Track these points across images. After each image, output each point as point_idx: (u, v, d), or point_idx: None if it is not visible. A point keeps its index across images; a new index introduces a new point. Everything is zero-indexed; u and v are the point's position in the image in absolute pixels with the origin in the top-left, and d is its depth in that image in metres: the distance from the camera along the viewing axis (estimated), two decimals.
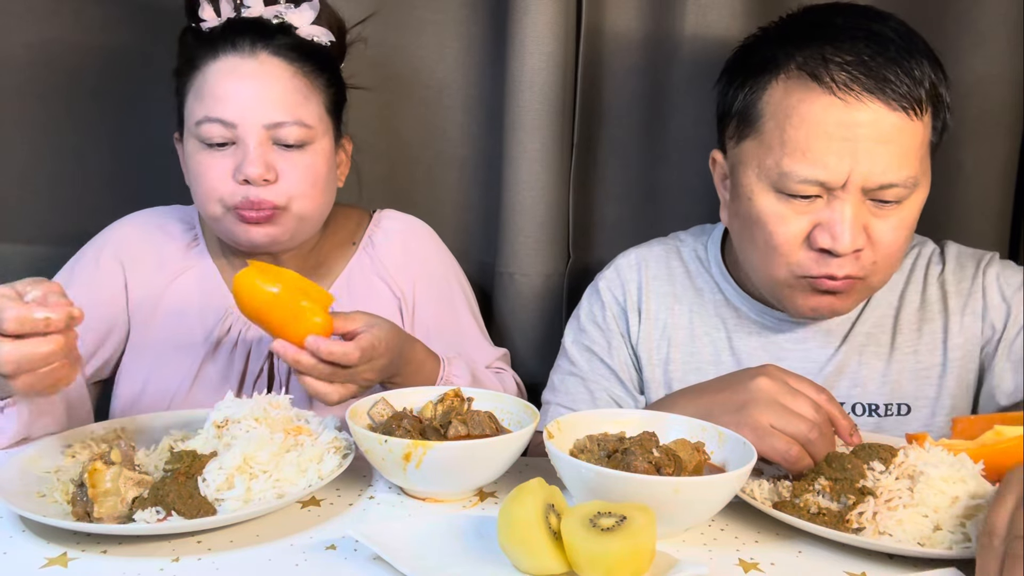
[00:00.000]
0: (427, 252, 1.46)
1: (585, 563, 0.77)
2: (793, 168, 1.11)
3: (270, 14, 1.29)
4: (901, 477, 0.93)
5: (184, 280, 1.37)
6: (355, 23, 1.41)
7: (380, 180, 1.63)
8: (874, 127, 1.09)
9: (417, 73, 1.60)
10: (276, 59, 1.25)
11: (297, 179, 1.25)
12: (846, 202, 1.11)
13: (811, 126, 1.10)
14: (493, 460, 0.97)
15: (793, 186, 1.12)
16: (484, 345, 1.46)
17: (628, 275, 1.37)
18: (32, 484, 0.95)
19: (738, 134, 1.20)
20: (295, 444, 0.98)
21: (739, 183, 1.19)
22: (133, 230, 1.39)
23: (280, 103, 1.24)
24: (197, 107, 1.25)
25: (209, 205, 1.26)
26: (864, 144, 1.09)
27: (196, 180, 1.27)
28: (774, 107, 1.14)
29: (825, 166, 1.10)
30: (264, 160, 1.22)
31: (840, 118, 1.09)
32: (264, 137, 1.23)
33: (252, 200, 1.22)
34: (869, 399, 1.27)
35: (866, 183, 1.10)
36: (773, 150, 1.13)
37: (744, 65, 1.22)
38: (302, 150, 1.26)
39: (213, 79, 1.24)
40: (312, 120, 1.26)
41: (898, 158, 1.10)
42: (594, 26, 1.56)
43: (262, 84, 1.24)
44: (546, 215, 1.56)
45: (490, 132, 1.60)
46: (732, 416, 1.00)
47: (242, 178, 1.22)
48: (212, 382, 1.33)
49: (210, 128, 1.23)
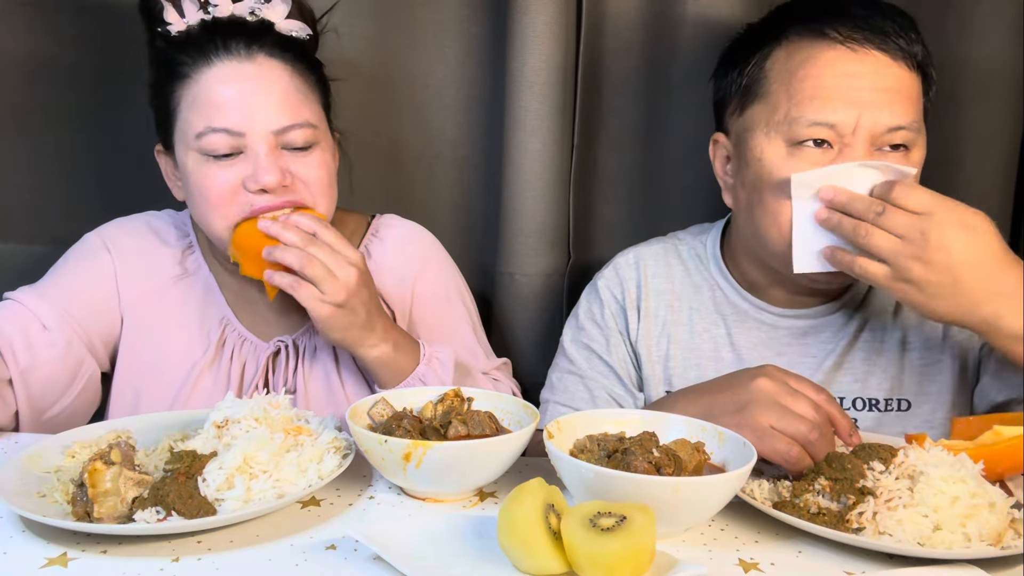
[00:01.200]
0: (425, 260, 1.43)
1: (585, 563, 0.77)
2: (803, 113, 1.14)
3: (241, 11, 1.23)
4: (901, 477, 0.93)
5: (179, 288, 1.34)
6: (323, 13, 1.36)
7: (380, 180, 1.63)
8: (877, 76, 1.13)
9: (417, 73, 1.60)
10: (273, 60, 1.21)
11: (315, 180, 1.23)
12: (856, 149, 1.13)
13: (817, 76, 1.14)
14: (493, 460, 0.97)
15: (804, 131, 1.14)
16: (482, 355, 1.42)
17: (627, 273, 1.37)
18: (32, 484, 0.95)
19: (742, 105, 1.22)
20: (295, 444, 0.98)
21: (747, 148, 1.20)
22: (124, 232, 1.36)
23: (285, 106, 1.20)
24: (196, 118, 1.19)
25: (217, 221, 1.21)
26: (869, 92, 1.13)
27: (199, 194, 1.21)
28: (778, 71, 1.18)
29: (834, 109, 1.13)
30: (278, 166, 1.18)
31: (845, 68, 1.13)
32: (273, 143, 1.19)
33: (257, 209, 1.19)
34: (870, 394, 1.27)
35: (874, 128, 1.13)
36: (780, 105, 1.16)
37: (738, 51, 1.25)
38: (311, 151, 1.23)
39: (211, 87, 1.19)
40: (315, 119, 1.24)
41: (902, 103, 1.14)
42: (594, 26, 1.56)
43: (264, 88, 1.20)
44: (546, 215, 1.56)
45: (490, 132, 1.60)
46: (732, 417, 1.01)
47: (257, 187, 1.18)
48: (208, 390, 1.30)
49: (214, 139, 1.18)
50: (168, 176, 1.31)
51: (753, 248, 1.27)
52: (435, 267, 1.44)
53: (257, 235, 1.18)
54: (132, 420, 1.13)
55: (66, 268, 1.33)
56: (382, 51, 1.58)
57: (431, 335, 1.36)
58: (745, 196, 1.23)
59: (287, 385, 1.31)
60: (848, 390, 1.27)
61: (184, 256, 1.36)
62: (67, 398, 1.26)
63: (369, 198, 1.57)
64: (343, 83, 1.44)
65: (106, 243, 1.34)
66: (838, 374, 1.28)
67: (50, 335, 1.24)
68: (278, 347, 1.32)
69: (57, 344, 1.24)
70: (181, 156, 1.23)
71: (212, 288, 1.35)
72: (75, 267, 1.33)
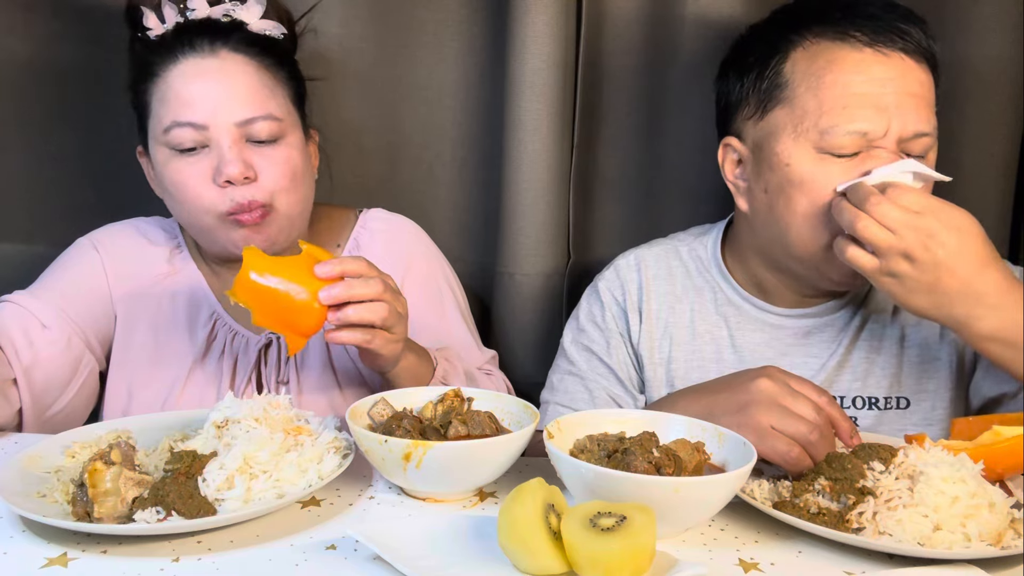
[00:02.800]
0: (413, 252, 1.44)
1: (585, 563, 0.77)
2: (836, 122, 1.13)
3: (218, 13, 1.26)
4: (901, 477, 0.93)
5: (168, 286, 1.36)
6: (302, 14, 1.38)
7: (380, 180, 1.63)
8: (903, 80, 1.14)
9: (417, 73, 1.60)
10: (237, 55, 1.23)
11: (277, 174, 1.23)
12: (884, 153, 1.13)
13: (846, 83, 1.14)
14: (493, 460, 0.97)
15: (837, 141, 1.14)
16: (472, 347, 1.44)
17: (628, 276, 1.37)
18: (32, 484, 0.95)
19: (762, 108, 1.21)
20: (295, 444, 0.98)
21: (771, 153, 1.19)
22: (112, 235, 1.38)
23: (248, 99, 1.22)
24: (163, 113, 1.22)
25: (197, 216, 1.23)
26: (896, 96, 1.13)
27: (176, 190, 1.23)
28: (802, 73, 1.17)
29: (866, 118, 1.13)
30: (241, 158, 1.20)
31: (872, 73, 1.13)
32: (237, 135, 1.21)
33: (241, 202, 1.20)
34: (869, 392, 1.27)
35: (903, 132, 1.13)
36: (809, 112, 1.16)
37: (750, 53, 1.24)
38: (275, 145, 1.24)
39: (177, 83, 1.21)
40: (281, 113, 1.25)
41: (926, 109, 1.15)
42: (594, 26, 1.56)
43: (227, 82, 1.22)
44: (546, 215, 1.56)
45: (490, 132, 1.60)
46: (733, 417, 1.01)
47: (223, 180, 1.19)
48: (202, 385, 1.32)
49: (180, 133, 1.20)
50: (149, 176, 1.33)
51: (769, 250, 1.26)
52: (424, 258, 1.45)
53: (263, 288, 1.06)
54: (132, 420, 1.13)
55: (58, 270, 1.35)
56: (382, 51, 1.58)
57: (422, 325, 1.37)
58: (767, 200, 1.22)
59: (280, 377, 1.32)
60: (848, 389, 1.27)
61: (172, 256, 1.38)
62: (68, 395, 1.27)
63: (369, 198, 1.57)
64: (343, 83, 1.45)
65: (95, 245, 1.36)
66: (840, 373, 1.28)
67: (50, 333, 1.25)
68: (269, 339, 1.34)
69: (57, 342, 1.25)
70: (153, 153, 1.26)
71: (201, 284, 1.36)
72: (67, 269, 1.35)
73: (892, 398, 1.27)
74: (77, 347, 1.28)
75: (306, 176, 1.30)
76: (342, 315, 1.08)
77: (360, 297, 1.08)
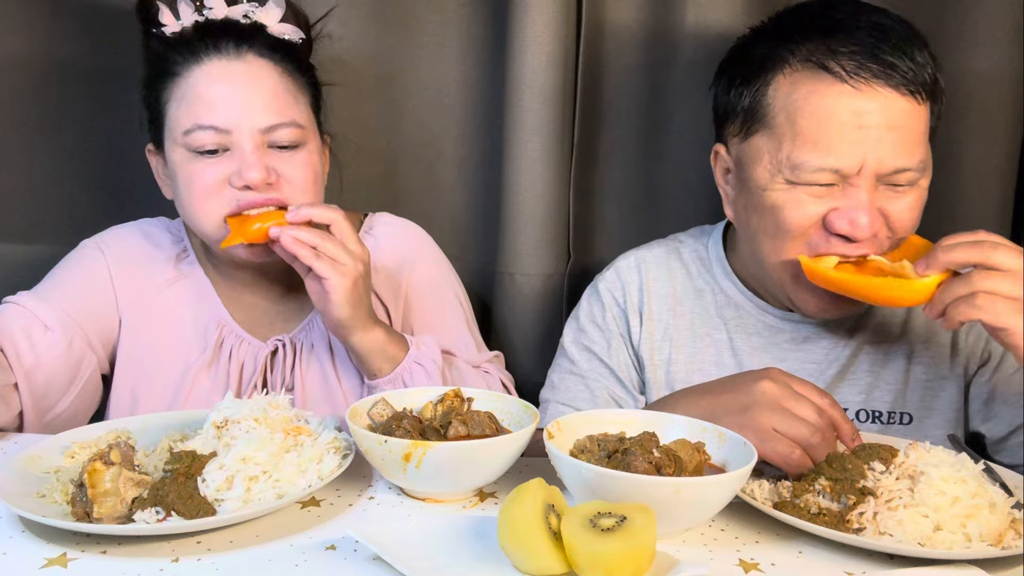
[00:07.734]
0: (418, 257, 1.43)
1: (585, 563, 0.77)
2: (806, 158, 1.12)
3: (236, 14, 1.25)
4: (901, 477, 0.93)
5: (175, 291, 1.35)
6: (318, 19, 1.37)
7: (380, 180, 1.63)
8: (884, 113, 1.10)
9: (417, 73, 1.60)
10: (263, 60, 1.23)
11: (300, 179, 1.23)
12: (861, 188, 1.11)
13: (823, 116, 1.11)
14: (493, 460, 0.97)
15: (808, 176, 1.12)
16: (473, 347, 1.43)
17: (628, 277, 1.37)
18: (32, 484, 0.95)
19: (745, 130, 1.20)
20: (295, 444, 0.98)
21: (750, 177, 1.19)
22: (118, 238, 1.38)
23: (272, 105, 1.21)
24: (184, 115, 1.21)
25: (203, 217, 1.22)
26: (876, 131, 1.10)
27: (187, 190, 1.22)
28: (782, 100, 1.15)
29: (839, 154, 1.10)
30: (263, 164, 1.19)
31: (851, 106, 1.10)
32: (260, 141, 1.20)
33: (244, 204, 1.19)
34: (873, 406, 1.27)
35: (880, 169, 1.11)
36: (784, 143, 1.14)
37: (743, 64, 1.22)
38: (297, 150, 1.24)
39: (200, 85, 1.20)
40: (303, 120, 1.25)
41: (908, 143, 1.11)
42: (594, 26, 1.56)
43: (253, 86, 1.21)
44: (546, 215, 1.56)
45: (490, 132, 1.60)
46: (734, 418, 1.01)
47: (242, 184, 1.19)
48: (207, 390, 1.31)
49: (202, 136, 1.19)
50: (158, 175, 1.32)
51: (753, 259, 1.27)
52: (428, 262, 1.45)
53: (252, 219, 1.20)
54: (132, 420, 1.13)
55: (63, 272, 1.34)
56: (382, 51, 1.58)
57: (424, 327, 1.38)
58: (746, 217, 1.22)
59: (285, 383, 1.32)
60: (851, 401, 1.27)
61: (178, 260, 1.37)
62: (69, 397, 1.27)
63: (369, 198, 1.57)
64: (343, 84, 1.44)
65: (101, 248, 1.36)
66: (842, 384, 1.28)
67: (52, 335, 1.25)
68: (275, 346, 1.33)
69: (59, 344, 1.25)
70: (169, 153, 1.24)
71: (207, 290, 1.36)
72: (72, 271, 1.34)
73: (896, 413, 1.27)
74: (79, 350, 1.28)
75: (323, 181, 1.31)
76: (291, 218, 1.18)
77: (302, 238, 1.16)
